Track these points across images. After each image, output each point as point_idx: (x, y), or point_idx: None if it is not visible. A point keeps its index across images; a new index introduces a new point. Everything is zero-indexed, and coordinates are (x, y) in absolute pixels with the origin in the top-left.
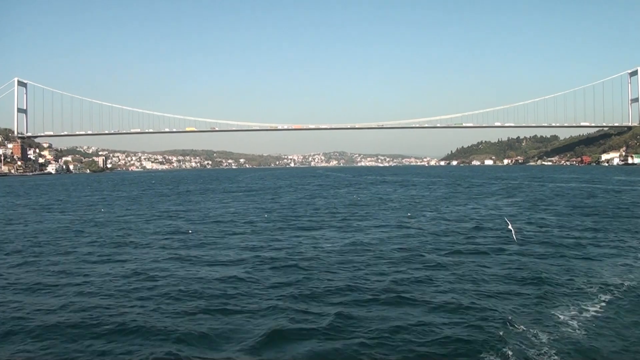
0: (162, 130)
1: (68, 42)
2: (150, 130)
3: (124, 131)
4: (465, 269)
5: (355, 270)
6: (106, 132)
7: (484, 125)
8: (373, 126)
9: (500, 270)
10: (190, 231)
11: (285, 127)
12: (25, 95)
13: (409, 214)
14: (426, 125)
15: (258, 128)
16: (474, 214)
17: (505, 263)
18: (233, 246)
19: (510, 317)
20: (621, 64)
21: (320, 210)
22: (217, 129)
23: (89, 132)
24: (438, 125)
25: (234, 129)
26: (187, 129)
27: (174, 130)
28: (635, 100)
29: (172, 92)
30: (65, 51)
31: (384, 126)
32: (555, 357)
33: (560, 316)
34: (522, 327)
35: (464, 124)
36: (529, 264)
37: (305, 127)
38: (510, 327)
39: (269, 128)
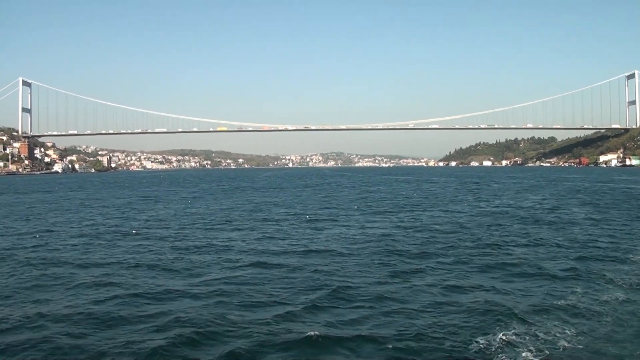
0: (191, 130)
1: (69, 41)
2: (180, 129)
3: (141, 131)
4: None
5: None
6: (122, 131)
7: (481, 126)
8: (371, 127)
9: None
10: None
11: (290, 127)
12: (29, 95)
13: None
14: (425, 126)
15: (274, 129)
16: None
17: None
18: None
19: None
20: (618, 67)
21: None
22: (247, 129)
23: (92, 131)
24: (435, 126)
25: (250, 129)
26: (219, 129)
27: (206, 129)
28: (632, 102)
29: (172, 92)
30: (68, 50)
31: (382, 127)
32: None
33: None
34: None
35: (461, 126)
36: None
37: (305, 128)
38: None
39: (281, 129)
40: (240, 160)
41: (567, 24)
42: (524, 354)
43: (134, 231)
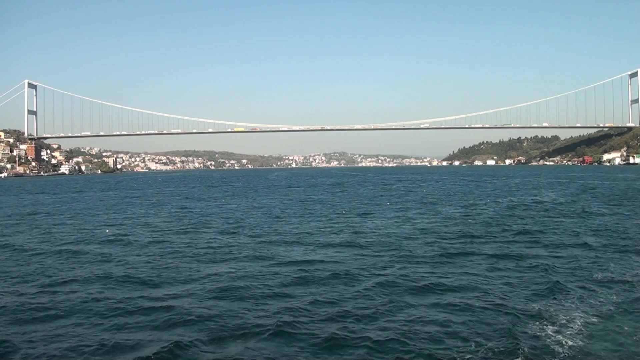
0: (206, 131)
1: (75, 43)
2: (195, 130)
3: (156, 132)
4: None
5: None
6: (137, 132)
7: (485, 126)
8: (374, 127)
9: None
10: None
11: (294, 128)
12: (35, 97)
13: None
14: (428, 126)
15: (282, 129)
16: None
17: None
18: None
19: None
20: (621, 65)
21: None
22: (261, 129)
23: (95, 133)
24: (439, 126)
25: (267, 129)
26: (236, 130)
27: (221, 130)
28: (635, 101)
29: (175, 93)
30: (74, 52)
31: (385, 127)
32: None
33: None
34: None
35: (464, 125)
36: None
37: (321, 128)
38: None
39: (296, 129)
40: (244, 161)
41: (570, 22)
42: (574, 313)
43: (189, 226)
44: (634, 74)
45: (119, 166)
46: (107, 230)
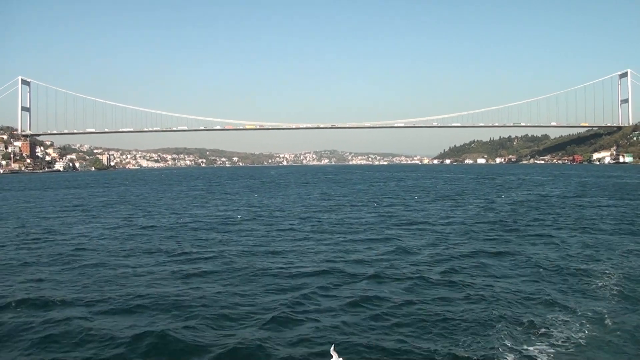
0: (214, 128)
1: (69, 40)
2: (202, 127)
3: (160, 129)
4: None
5: None
6: (143, 129)
7: (476, 124)
8: (365, 126)
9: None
10: None
11: (284, 126)
12: (28, 94)
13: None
14: (419, 124)
15: (271, 127)
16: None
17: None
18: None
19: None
20: (612, 66)
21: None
22: (259, 127)
23: (91, 129)
24: (430, 124)
25: (269, 127)
26: (247, 127)
27: (232, 128)
28: (625, 101)
29: (166, 90)
30: (68, 49)
31: (377, 126)
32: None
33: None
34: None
35: (455, 124)
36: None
37: (332, 126)
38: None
39: (302, 127)
40: (235, 159)
41: (561, 22)
42: (607, 271)
43: (239, 216)
44: (624, 75)
45: (112, 163)
46: (186, 217)
